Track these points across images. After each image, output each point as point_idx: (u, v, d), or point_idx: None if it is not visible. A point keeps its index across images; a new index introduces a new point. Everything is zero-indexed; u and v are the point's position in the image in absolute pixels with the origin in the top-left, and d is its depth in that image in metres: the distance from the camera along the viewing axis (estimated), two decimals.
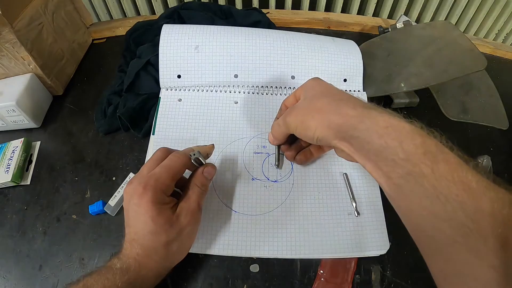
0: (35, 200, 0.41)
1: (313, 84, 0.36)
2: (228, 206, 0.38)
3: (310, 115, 0.32)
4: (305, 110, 0.33)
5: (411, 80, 0.46)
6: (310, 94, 0.34)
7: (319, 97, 0.33)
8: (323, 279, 0.35)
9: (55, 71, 0.50)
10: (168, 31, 0.46)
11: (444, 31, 0.50)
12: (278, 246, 0.36)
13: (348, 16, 0.68)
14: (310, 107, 0.33)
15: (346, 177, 0.40)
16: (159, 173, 0.30)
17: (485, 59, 0.44)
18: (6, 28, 0.41)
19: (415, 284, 0.35)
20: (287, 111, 0.35)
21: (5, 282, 0.36)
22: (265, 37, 0.47)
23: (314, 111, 0.32)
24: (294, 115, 0.34)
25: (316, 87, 0.35)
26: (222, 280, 0.35)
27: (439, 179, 0.24)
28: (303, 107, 0.34)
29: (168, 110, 0.44)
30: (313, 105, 0.33)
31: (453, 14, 0.73)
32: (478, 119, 0.46)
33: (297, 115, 0.34)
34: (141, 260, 0.29)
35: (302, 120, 0.33)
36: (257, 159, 0.41)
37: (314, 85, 0.35)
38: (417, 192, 0.25)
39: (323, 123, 0.31)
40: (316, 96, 0.33)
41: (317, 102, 0.32)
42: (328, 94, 0.33)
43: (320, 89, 0.34)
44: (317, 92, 0.34)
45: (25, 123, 0.47)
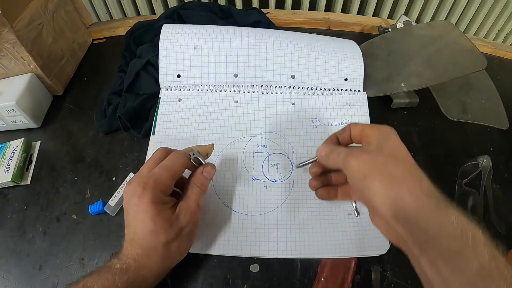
0: (35, 200, 0.41)
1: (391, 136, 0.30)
2: (228, 206, 0.38)
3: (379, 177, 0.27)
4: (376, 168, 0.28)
5: (411, 80, 0.46)
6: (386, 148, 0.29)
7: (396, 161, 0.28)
8: (323, 279, 0.35)
9: (55, 71, 0.50)
10: (168, 31, 0.46)
11: (444, 31, 0.50)
12: (278, 246, 0.36)
13: (348, 16, 0.68)
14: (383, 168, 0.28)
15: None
16: (158, 173, 0.30)
17: (485, 59, 0.44)
18: (6, 28, 0.41)
19: (415, 284, 0.35)
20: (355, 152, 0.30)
21: (5, 282, 0.36)
22: (265, 37, 0.47)
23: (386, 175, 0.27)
24: (361, 163, 0.29)
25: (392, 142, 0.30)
26: (222, 280, 0.35)
27: None
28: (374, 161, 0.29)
29: (168, 110, 0.44)
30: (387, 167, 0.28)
31: (453, 14, 0.73)
32: (478, 119, 0.46)
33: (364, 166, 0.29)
34: (141, 260, 0.29)
35: (366, 176, 0.28)
36: (257, 159, 0.41)
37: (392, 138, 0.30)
38: None
39: (390, 195, 0.26)
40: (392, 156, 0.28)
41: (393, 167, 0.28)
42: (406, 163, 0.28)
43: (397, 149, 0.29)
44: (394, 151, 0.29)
45: (25, 123, 0.47)
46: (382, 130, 0.31)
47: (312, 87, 0.47)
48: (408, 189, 0.26)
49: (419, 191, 0.26)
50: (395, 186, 0.27)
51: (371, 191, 0.27)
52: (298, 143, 0.43)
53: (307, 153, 0.42)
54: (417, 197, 0.26)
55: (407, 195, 0.26)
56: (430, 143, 0.47)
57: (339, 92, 0.47)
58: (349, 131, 0.34)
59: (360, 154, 0.30)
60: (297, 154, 0.42)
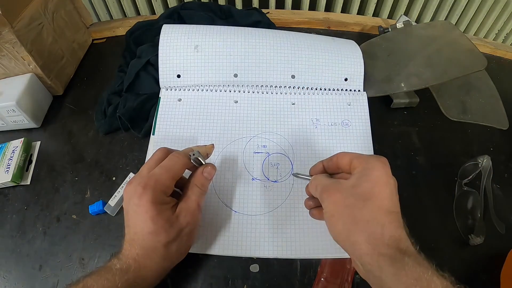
0: (35, 200, 0.41)
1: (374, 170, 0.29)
2: (228, 206, 0.38)
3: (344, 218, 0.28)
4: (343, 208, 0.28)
5: (411, 80, 0.46)
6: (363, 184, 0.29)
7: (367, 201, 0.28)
8: (323, 279, 0.35)
9: (55, 71, 0.50)
10: (168, 31, 0.46)
11: (444, 31, 0.50)
12: (278, 246, 0.36)
13: (348, 16, 0.68)
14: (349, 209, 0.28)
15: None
16: (159, 173, 0.30)
17: (485, 59, 0.44)
18: (6, 28, 0.41)
19: None
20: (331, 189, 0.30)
21: (5, 282, 0.36)
22: (264, 37, 0.47)
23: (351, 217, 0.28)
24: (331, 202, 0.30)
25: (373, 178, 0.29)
26: (222, 280, 0.35)
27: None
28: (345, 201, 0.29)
29: (168, 110, 0.44)
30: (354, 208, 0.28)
31: (453, 14, 0.73)
32: (478, 119, 0.46)
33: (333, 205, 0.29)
34: (141, 260, 0.29)
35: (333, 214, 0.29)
36: (257, 159, 0.41)
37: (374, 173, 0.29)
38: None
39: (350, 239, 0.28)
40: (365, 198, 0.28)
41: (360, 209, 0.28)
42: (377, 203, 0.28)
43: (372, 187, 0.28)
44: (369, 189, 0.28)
45: (25, 123, 0.47)
46: (368, 165, 0.30)
47: (312, 87, 0.47)
48: (366, 238, 0.27)
49: (379, 239, 0.26)
50: (355, 232, 0.27)
51: (336, 231, 0.29)
52: (298, 143, 0.43)
53: (307, 153, 0.42)
54: (373, 246, 0.26)
55: (363, 244, 0.27)
56: (430, 143, 0.47)
57: (339, 92, 0.47)
58: (336, 160, 0.33)
59: (333, 192, 0.30)
60: (297, 154, 0.42)
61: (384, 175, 0.29)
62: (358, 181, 0.29)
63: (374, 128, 0.44)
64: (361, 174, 0.30)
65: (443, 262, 0.26)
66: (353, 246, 0.28)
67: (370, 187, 0.29)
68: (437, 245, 0.38)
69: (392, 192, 0.29)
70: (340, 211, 0.29)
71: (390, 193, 0.28)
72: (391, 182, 0.29)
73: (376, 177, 0.29)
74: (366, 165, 0.30)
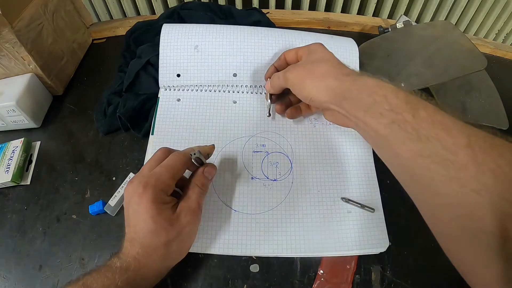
0: (35, 200, 0.41)
1: (317, 48, 0.38)
2: (228, 205, 0.38)
3: (310, 77, 0.35)
4: (306, 71, 0.36)
5: (411, 80, 0.46)
6: (313, 57, 0.37)
7: (321, 62, 0.36)
8: (323, 279, 0.35)
9: (55, 71, 0.50)
10: (168, 31, 0.46)
11: (444, 31, 0.50)
12: (278, 244, 0.36)
13: (348, 16, 0.69)
14: (311, 70, 0.36)
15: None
16: (159, 173, 0.30)
17: (485, 59, 0.44)
18: (6, 28, 0.41)
19: (415, 284, 0.35)
20: (289, 68, 0.38)
21: (5, 282, 0.36)
22: (263, 36, 0.47)
23: (314, 74, 0.35)
24: (295, 72, 0.37)
25: (319, 52, 0.38)
26: (222, 280, 0.35)
27: (419, 122, 0.27)
28: (305, 67, 0.37)
29: (167, 110, 0.44)
30: (314, 68, 0.35)
31: (453, 14, 0.73)
32: (478, 119, 0.46)
33: (298, 74, 0.36)
34: (141, 259, 0.29)
35: (301, 79, 0.36)
36: (257, 158, 0.41)
37: (318, 49, 0.38)
38: (402, 137, 0.27)
39: (320, 87, 0.34)
40: (318, 60, 0.36)
41: (318, 67, 0.35)
42: (329, 61, 0.36)
43: (322, 55, 0.37)
44: (320, 57, 0.37)
45: (25, 123, 0.47)
46: (310, 47, 0.39)
47: None
48: (333, 77, 0.34)
49: (341, 75, 0.33)
50: (323, 80, 0.34)
51: (307, 89, 0.35)
52: (297, 142, 0.43)
53: (306, 152, 0.42)
54: (340, 79, 0.33)
55: (332, 81, 0.33)
56: None
57: None
58: (284, 58, 0.41)
59: (293, 67, 0.38)
60: (296, 153, 0.42)
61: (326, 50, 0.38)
62: (310, 56, 0.38)
63: None
64: (309, 52, 0.38)
65: (444, 262, 0.26)
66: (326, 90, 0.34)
67: (322, 54, 0.37)
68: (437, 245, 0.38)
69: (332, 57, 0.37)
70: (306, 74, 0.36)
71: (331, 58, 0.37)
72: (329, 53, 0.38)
73: (322, 49, 0.38)
74: (310, 47, 0.39)
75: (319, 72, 0.35)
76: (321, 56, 0.37)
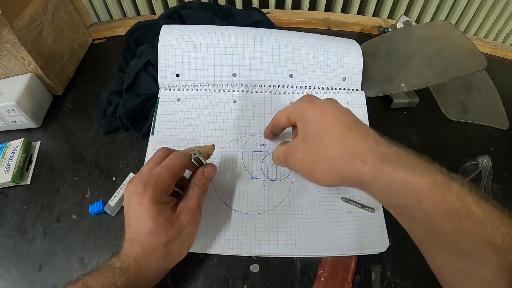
0: (35, 200, 0.41)
1: (311, 116, 0.31)
2: (228, 205, 0.38)
3: (318, 167, 0.29)
4: (310, 158, 0.30)
5: (411, 80, 0.46)
6: (312, 130, 0.30)
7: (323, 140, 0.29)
8: (323, 279, 0.35)
9: (55, 71, 0.50)
10: (167, 31, 0.46)
11: (444, 31, 0.50)
12: (278, 244, 0.36)
13: (348, 16, 0.68)
14: (315, 155, 0.29)
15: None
16: (159, 173, 0.30)
17: (485, 59, 0.44)
18: (6, 28, 0.41)
19: (415, 284, 0.35)
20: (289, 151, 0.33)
21: (5, 282, 0.36)
22: (263, 36, 0.47)
23: (322, 161, 0.29)
24: (297, 160, 0.31)
25: (314, 122, 0.30)
26: (222, 280, 0.35)
27: (461, 237, 0.23)
28: (306, 152, 0.30)
29: (167, 110, 0.44)
30: (318, 153, 0.29)
31: (453, 14, 0.73)
32: (478, 119, 0.46)
33: (301, 162, 0.31)
34: (141, 260, 0.29)
35: (309, 171, 0.31)
36: (256, 158, 0.41)
37: (312, 118, 0.30)
38: (440, 247, 0.24)
39: (334, 177, 0.29)
40: (318, 137, 0.29)
41: (324, 149, 0.29)
42: (332, 137, 0.29)
43: (322, 124, 0.29)
44: (320, 129, 0.29)
45: (25, 123, 0.47)
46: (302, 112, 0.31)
47: (310, 86, 0.47)
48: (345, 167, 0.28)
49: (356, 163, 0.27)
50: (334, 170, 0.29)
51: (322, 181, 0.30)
52: None
53: None
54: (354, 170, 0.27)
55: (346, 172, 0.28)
56: (430, 143, 0.47)
57: (337, 91, 0.47)
58: (277, 124, 0.36)
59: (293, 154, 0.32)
60: None
61: (322, 116, 0.30)
62: (303, 131, 0.31)
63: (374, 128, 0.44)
64: (302, 124, 0.32)
65: None
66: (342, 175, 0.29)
67: (315, 131, 0.30)
68: None
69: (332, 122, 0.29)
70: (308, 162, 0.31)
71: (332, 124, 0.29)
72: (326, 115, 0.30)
73: (316, 120, 0.30)
74: (301, 114, 0.32)
75: (325, 156, 0.29)
76: (321, 125, 0.30)
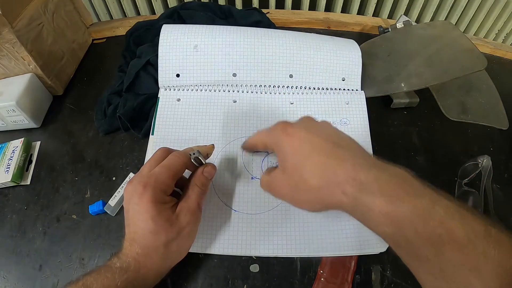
0: (35, 200, 0.41)
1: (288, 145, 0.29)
2: (228, 205, 0.38)
3: (301, 198, 0.29)
4: (293, 191, 0.29)
5: (411, 80, 0.46)
6: (290, 163, 0.29)
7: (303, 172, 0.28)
8: (323, 279, 0.35)
9: (55, 71, 0.50)
10: (167, 31, 0.46)
11: (444, 31, 0.50)
12: (278, 244, 0.36)
13: (348, 16, 0.68)
14: (297, 187, 0.29)
15: None
16: (159, 173, 0.30)
17: (485, 59, 0.44)
18: (6, 28, 0.41)
19: (415, 284, 0.35)
20: (272, 183, 0.32)
21: (5, 282, 0.36)
22: (263, 36, 0.47)
23: (303, 193, 0.29)
24: (281, 193, 0.31)
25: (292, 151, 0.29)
26: (222, 280, 0.35)
27: (444, 262, 0.23)
28: (289, 184, 0.30)
29: (167, 110, 0.44)
30: (300, 185, 0.28)
31: (453, 14, 0.73)
32: (478, 119, 0.46)
33: (286, 195, 0.31)
34: (141, 260, 0.29)
35: (293, 202, 0.31)
36: (256, 158, 0.41)
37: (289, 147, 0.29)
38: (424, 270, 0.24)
39: (319, 206, 0.29)
40: (299, 170, 0.28)
41: (303, 182, 0.28)
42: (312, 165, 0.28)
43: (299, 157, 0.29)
44: (298, 162, 0.29)
45: (25, 123, 0.47)
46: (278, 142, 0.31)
47: (310, 87, 0.47)
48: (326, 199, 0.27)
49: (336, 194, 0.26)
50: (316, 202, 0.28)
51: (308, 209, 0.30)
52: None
53: None
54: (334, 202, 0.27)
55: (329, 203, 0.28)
56: (430, 143, 0.47)
57: (337, 91, 0.47)
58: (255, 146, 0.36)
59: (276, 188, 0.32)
60: None
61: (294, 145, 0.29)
62: (282, 163, 0.30)
63: (374, 128, 0.44)
64: (279, 155, 0.31)
65: None
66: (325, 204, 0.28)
67: (293, 164, 0.29)
68: None
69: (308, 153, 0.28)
70: (292, 195, 0.30)
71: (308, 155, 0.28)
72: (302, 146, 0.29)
73: (290, 152, 0.29)
74: (277, 145, 0.31)
75: (305, 188, 0.28)
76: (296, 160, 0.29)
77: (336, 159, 0.27)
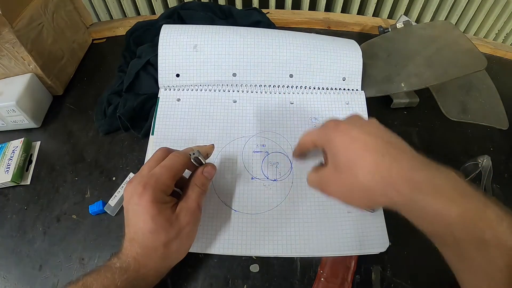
0: (35, 200, 0.41)
1: (340, 143, 0.30)
2: (228, 205, 0.38)
3: (353, 196, 0.30)
4: (345, 188, 0.30)
5: (411, 80, 0.46)
6: (342, 161, 0.29)
7: (356, 170, 0.28)
8: (323, 279, 0.35)
9: (55, 71, 0.50)
10: (167, 31, 0.46)
11: (444, 31, 0.50)
12: (278, 244, 0.36)
13: (348, 16, 0.69)
14: (350, 185, 0.29)
15: None
16: (159, 173, 0.30)
17: (485, 59, 0.44)
18: (6, 28, 0.41)
19: (415, 284, 0.35)
20: (323, 180, 0.32)
21: (5, 282, 0.36)
22: (263, 36, 0.47)
23: (356, 191, 0.29)
24: (333, 191, 0.31)
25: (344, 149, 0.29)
26: (222, 280, 0.35)
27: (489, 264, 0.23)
28: (341, 182, 0.30)
29: (167, 110, 0.44)
30: (352, 183, 0.28)
31: (453, 14, 0.73)
32: (478, 119, 0.46)
33: (338, 192, 0.31)
34: (141, 260, 0.29)
35: (345, 199, 0.31)
36: (257, 158, 0.41)
37: (341, 145, 0.29)
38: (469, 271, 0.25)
39: (371, 203, 0.30)
40: (352, 168, 0.28)
41: (357, 180, 0.28)
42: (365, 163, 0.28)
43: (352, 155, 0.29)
44: (350, 160, 0.29)
45: (25, 123, 0.47)
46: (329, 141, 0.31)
47: (310, 86, 0.47)
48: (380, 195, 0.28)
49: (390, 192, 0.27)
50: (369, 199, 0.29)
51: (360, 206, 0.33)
52: (297, 142, 0.43)
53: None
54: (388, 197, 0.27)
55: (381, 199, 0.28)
56: (430, 143, 0.47)
57: (337, 91, 0.47)
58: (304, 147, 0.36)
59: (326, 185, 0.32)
60: None
61: (345, 143, 0.29)
62: (333, 160, 0.31)
63: None
64: (330, 153, 0.31)
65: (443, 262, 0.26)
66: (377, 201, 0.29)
67: (345, 162, 0.29)
68: None
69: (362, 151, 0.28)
70: (344, 193, 0.30)
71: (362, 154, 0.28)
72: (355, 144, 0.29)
73: (342, 149, 0.29)
74: (328, 142, 0.31)
75: (358, 186, 0.28)
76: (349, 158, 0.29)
77: (389, 158, 0.27)
